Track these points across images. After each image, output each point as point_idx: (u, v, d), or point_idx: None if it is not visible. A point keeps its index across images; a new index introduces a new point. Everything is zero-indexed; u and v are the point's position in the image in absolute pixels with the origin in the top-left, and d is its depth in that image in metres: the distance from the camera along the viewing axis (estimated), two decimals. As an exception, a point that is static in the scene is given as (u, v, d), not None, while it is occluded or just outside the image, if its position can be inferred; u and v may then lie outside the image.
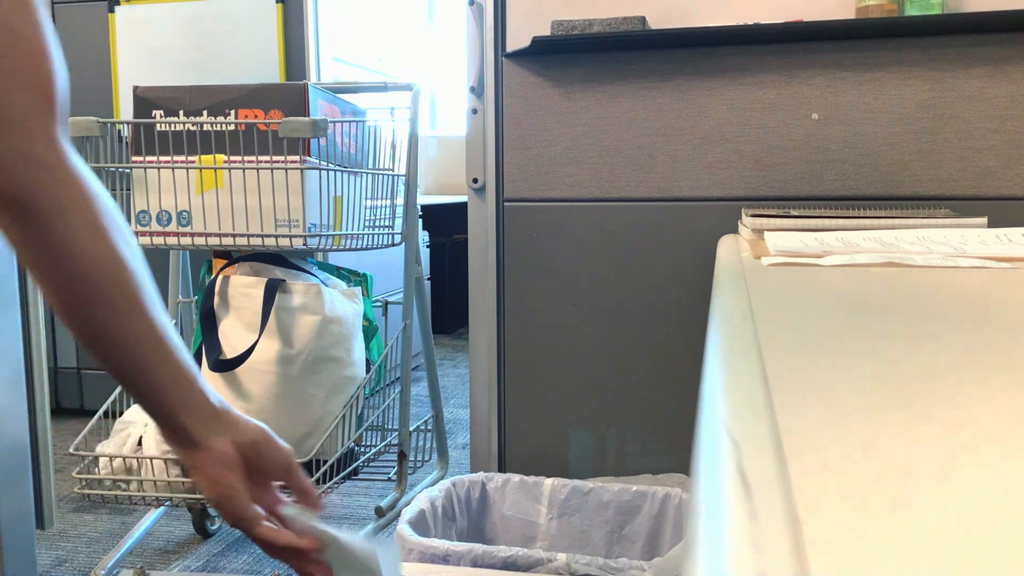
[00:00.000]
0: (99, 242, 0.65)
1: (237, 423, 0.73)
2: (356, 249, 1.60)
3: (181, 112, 1.48)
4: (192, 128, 1.47)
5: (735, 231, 1.45)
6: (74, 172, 0.64)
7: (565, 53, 1.52)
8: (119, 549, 1.64)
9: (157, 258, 2.46)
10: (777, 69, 1.44)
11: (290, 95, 1.45)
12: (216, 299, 1.52)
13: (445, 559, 1.15)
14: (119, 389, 1.62)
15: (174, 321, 1.83)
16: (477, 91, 1.57)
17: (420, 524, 1.28)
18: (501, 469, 1.64)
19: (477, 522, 1.44)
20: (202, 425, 0.71)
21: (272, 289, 1.49)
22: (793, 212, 1.20)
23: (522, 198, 1.56)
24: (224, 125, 1.46)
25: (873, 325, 0.47)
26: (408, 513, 1.28)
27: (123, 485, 1.45)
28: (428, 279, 3.94)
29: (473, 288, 1.61)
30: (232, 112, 1.47)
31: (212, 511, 1.88)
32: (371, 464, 1.69)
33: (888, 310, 0.52)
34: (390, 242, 1.69)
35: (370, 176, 1.64)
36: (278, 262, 1.57)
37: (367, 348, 1.68)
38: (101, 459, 1.46)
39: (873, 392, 0.32)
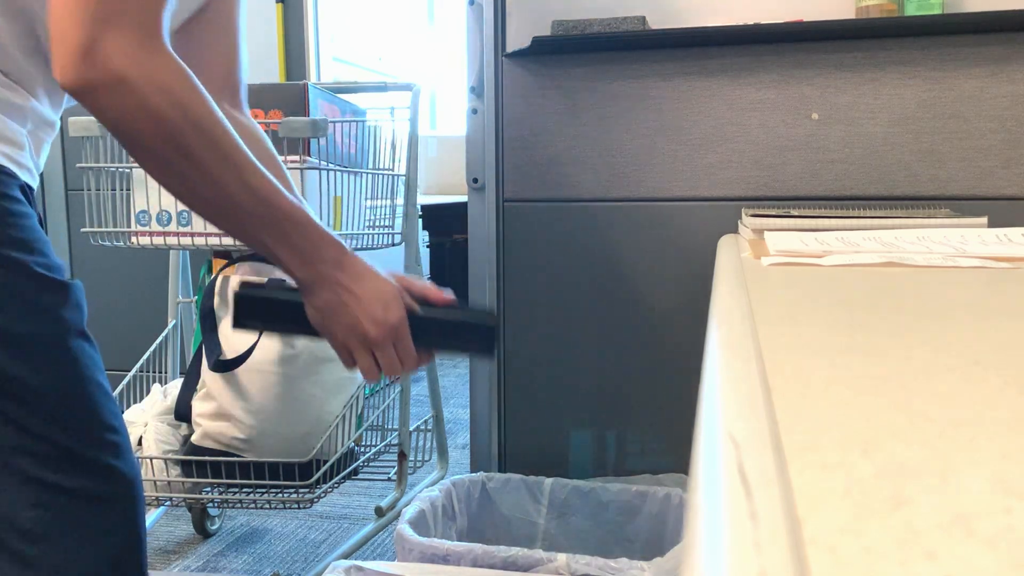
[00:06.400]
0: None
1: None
2: (356, 249, 1.60)
3: (181, 112, 1.48)
4: (192, 128, 1.47)
5: (735, 231, 1.45)
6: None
7: (565, 53, 1.52)
8: (119, 549, 1.64)
9: (157, 258, 2.46)
10: (777, 69, 1.44)
11: (290, 95, 1.45)
12: (216, 299, 1.52)
13: (445, 559, 1.15)
14: (119, 389, 1.62)
15: (173, 321, 1.83)
16: (477, 91, 1.57)
17: (420, 524, 1.28)
18: (501, 469, 1.64)
19: (477, 522, 1.44)
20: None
21: (272, 289, 1.49)
22: (793, 212, 1.20)
23: (522, 198, 1.56)
24: (224, 125, 1.46)
25: (873, 325, 0.47)
26: (408, 513, 1.28)
27: (123, 485, 1.45)
28: (428, 279, 3.94)
29: (473, 288, 1.61)
30: (232, 112, 1.46)
31: (213, 511, 1.88)
32: (371, 464, 1.69)
33: (888, 310, 0.52)
34: (390, 242, 1.69)
35: (370, 176, 1.64)
36: (278, 262, 1.56)
37: (367, 348, 1.68)
38: (101, 459, 1.45)
39: (873, 392, 0.32)
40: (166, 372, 1.79)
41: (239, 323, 0.93)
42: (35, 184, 0.80)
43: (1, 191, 0.73)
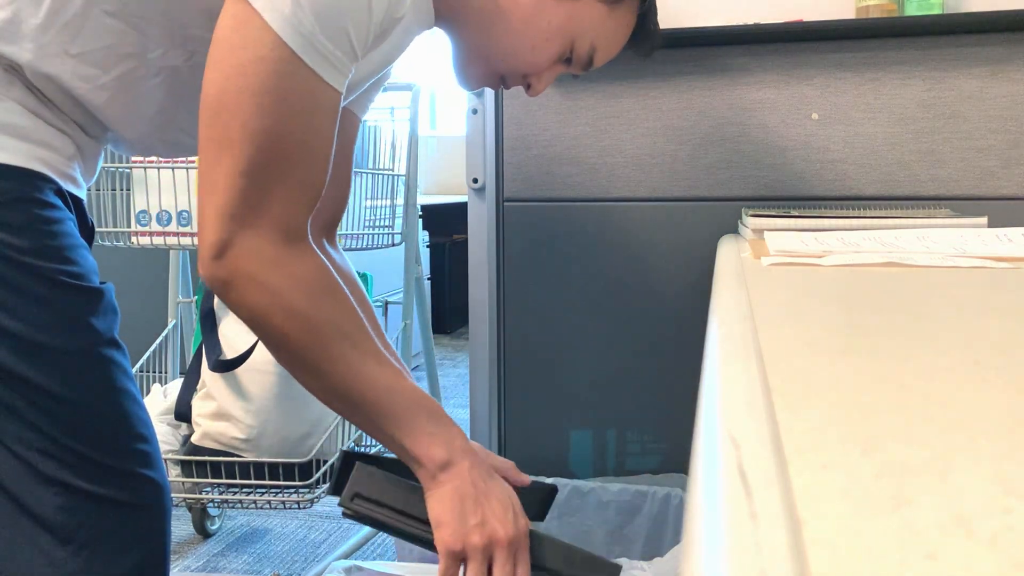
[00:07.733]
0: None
1: None
2: (356, 249, 1.60)
3: (181, 112, 1.48)
4: (192, 128, 1.47)
5: (735, 231, 1.45)
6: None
7: (565, 53, 1.51)
8: (119, 549, 1.64)
9: (157, 258, 2.46)
10: (777, 69, 1.44)
11: (290, 95, 1.45)
12: (216, 299, 1.52)
13: (445, 559, 1.15)
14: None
15: (173, 321, 1.83)
16: (477, 91, 1.57)
17: (420, 524, 1.28)
18: (501, 469, 1.64)
19: (477, 522, 1.44)
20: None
21: (272, 289, 1.48)
22: (793, 212, 1.20)
23: (522, 198, 1.56)
24: (224, 125, 1.45)
25: (873, 325, 0.47)
26: (408, 513, 1.27)
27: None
28: (428, 279, 3.94)
29: (473, 288, 1.61)
30: (232, 112, 1.46)
31: (213, 511, 1.88)
32: (371, 464, 1.68)
33: (888, 310, 0.52)
34: (390, 242, 1.69)
35: (370, 176, 1.64)
36: (278, 262, 1.56)
37: (367, 348, 1.68)
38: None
39: (873, 392, 0.32)
40: (166, 372, 1.79)
41: (350, 509, 0.82)
42: (80, 195, 0.78)
43: (32, 195, 0.71)
